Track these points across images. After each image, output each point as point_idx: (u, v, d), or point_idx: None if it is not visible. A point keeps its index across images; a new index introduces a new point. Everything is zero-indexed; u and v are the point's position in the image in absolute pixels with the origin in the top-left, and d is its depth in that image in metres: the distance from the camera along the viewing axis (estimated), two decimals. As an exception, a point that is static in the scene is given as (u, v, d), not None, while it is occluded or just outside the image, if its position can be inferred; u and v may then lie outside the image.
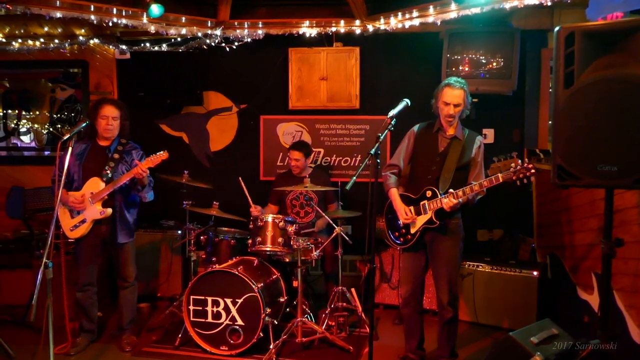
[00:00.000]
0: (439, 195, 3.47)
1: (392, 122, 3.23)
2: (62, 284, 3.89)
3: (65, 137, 3.37)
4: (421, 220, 3.55)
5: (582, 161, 2.59)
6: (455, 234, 3.60)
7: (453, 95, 3.51)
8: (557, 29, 2.64)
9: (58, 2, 4.38)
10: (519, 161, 4.22)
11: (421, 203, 3.55)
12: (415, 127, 3.80)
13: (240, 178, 4.81)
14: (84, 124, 3.60)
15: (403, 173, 3.82)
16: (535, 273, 4.49)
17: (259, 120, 5.92)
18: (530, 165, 3.20)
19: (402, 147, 3.79)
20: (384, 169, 3.80)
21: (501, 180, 3.27)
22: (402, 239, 3.66)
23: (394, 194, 3.69)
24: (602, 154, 2.53)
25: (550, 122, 5.36)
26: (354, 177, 3.09)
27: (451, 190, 3.40)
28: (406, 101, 3.38)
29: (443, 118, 3.59)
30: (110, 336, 4.43)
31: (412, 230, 3.59)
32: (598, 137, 2.53)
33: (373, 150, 3.08)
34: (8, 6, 4.27)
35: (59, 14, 4.46)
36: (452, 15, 4.44)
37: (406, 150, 3.76)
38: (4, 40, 5.64)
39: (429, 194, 3.52)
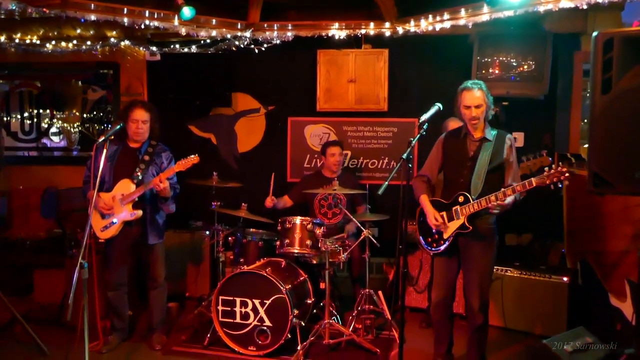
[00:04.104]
0: (471, 200, 3.44)
1: (424, 127, 3.22)
2: (93, 283, 3.95)
3: (100, 140, 3.43)
4: (454, 225, 3.52)
5: (619, 168, 2.56)
6: (489, 238, 3.56)
7: (472, 97, 3.48)
8: (595, 34, 2.60)
9: (92, 5, 4.45)
10: (550, 159, 4.20)
11: (453, 208, 3.52)
12: (443, 135, 3.79)
13: (273, 174, 4.83)
14: (117, 127, 3.65)
15: (436, 182, 3.80)
16: (565, 279, 4.42)
17: (286, 122, 5.95)
18: (564, 169, 3.12)
19: (432, 157, 3.78)
20: (414, 178, 3.79)
21: (534, 185, 3.21)
22: (434, 245, 3.64)
23: (424, 199, 3.68)
24: (639, 160, 2.48)
25: (582, 125, 5.29)
26: (387, 182, 3.08)
27: (504, 189, 3.34)
28: (438, 105, 3.36)
29: (468, 122, 3.56)
30: (140, 335, 4.49)
31: (445, 236, 3.57)
32: (636, 144, 2.49)
33: (405, 154, 3.07)
34: (44, 10, 4.35)
35: (93, 17, 4.54)
36: (484, 18, 4.38)
37: (435, 159, 3.75)
38: (38, 42, 5.75)
39: (461, 199, 3.49)
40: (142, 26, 4.86)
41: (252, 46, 5.50)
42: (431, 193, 3.80)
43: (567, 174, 3.12)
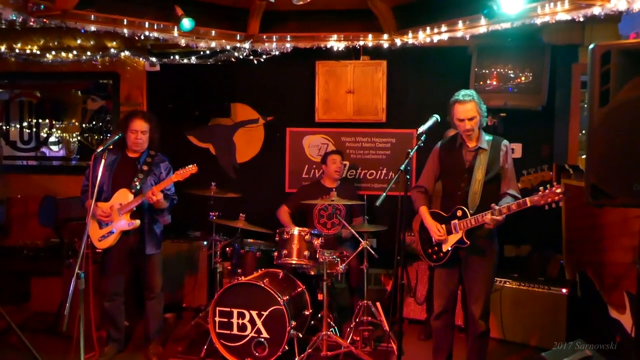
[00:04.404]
0: (468, 215, 3.43)
1: (422, 138, 3.22)
2: (89, 293, 3.93)
3: (98, 150, 3.42)
4: (452, 239, 3.51)
5: (617, 180, 2.55)
6: (489, 249, 3.55)
7: (465, 110, 3.46)
8: (592, 46, 2.61)
9: (93, 16, 4.46)
10: (551, 173, 4.20)
11: (452, 222, 3.51)
12: (438, 144, 3.78)
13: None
14: (116, 137, 3.65)
15: (433, 192, 3.79)
16: (564, 290, 4.41)
17: (285, 133, 5.95)
18: (558, 190, 3.12)
19: (428, 168, 3.77)
20: (412, 189, 3.78)
21: (529, 205, 3.20)
22: (435, 257, 3.63)
23: (424, 211, 3.67)
24: (638, 172, 2.48)
25: (580, 136, 5.30)
26: (384, 194, 3.08)
27: (495, 207, 3.32)
28: (436, 117, 3.36)
29: (462, 133, 3.56)
30: (136, 346, 4.47)
31: (444, 249, 3.56)
32: (634, 156, 2.49)
33: (403, 166, 3.08)
34: (45, 20, 4.37)
35: (93, 28, 4.55)
36: (482, 30, 4.39)
37: (432, 170, 3.74)
38: (38, 52, 5.76)
39: (459, 213, 3.48)
40: (142, 37, 4.87)
41: (251, 57, 5.52)
42: (429, 203, 3.79)
43: (561, 195, 3.12)
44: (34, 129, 6.48)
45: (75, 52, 5.77)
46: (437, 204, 3.74)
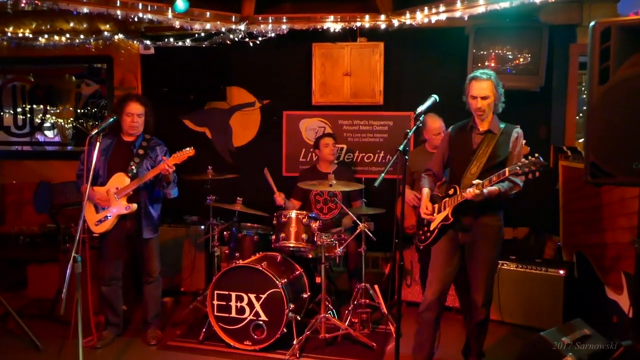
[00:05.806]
0: (458, 192, 3.39)
1: (421, 119, 3.18)
2: (87, 278, 3.92)
3: (92, 133, 3.39)
4: (439, 217, 3.48)
5: (617, 159, 2.54)
6: (494, 235, 3.45)
7: (480, 87, 3.37)
8: (592, 23, 2.59)
9: (85, -4, 4.42)
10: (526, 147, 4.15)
11: (443, 201, 3.48)
12: (450, 129, 3.70)
13: (266, 169, 4.79)
14: (111, 120, 3.60)
15: (441, 176, 3.73)
16: (561, 272, 4.41)
17: (281, 116, 5.91)
18: (535, 159, 3.01)
19: (438, 151, 3.71)
20: (422, 173, 3.75)
21: (507, 175, 3.10)
22: (423, 237, 3.59)
23: (424, 193, 3.63)
24: (637, 151, 2.47)
25: (577, 118, 5.28)
26: (382, 174, 3.05)
27: (477, 180, 3.23)
28: (434, 97, 3.31)
29: (474, 113, 3.45)
30: (135, 330, 4.47)
31: (431, 227, 3.53)
32: (634, 134, 2.47)
33: (401, 146, 3.04)
34: (36, 2, 4.31)
35: (85, 9, 4.49)
36: (480, 9, 4.35)
37: (441, 153, 3.67)
38: (30, 35, 5.69)
39: (451, 191, 3.43)
40: (136, 19, 4.83)
41: (247, 39, 5.46)
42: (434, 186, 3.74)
43: (538, 165, 3.01)
44: (28, 115, 6.43)
45: (68, 36, 5.71)
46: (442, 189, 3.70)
